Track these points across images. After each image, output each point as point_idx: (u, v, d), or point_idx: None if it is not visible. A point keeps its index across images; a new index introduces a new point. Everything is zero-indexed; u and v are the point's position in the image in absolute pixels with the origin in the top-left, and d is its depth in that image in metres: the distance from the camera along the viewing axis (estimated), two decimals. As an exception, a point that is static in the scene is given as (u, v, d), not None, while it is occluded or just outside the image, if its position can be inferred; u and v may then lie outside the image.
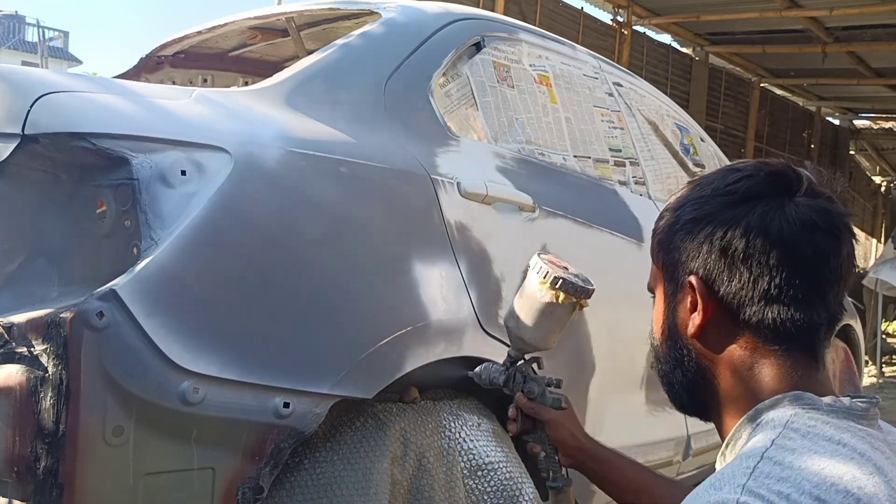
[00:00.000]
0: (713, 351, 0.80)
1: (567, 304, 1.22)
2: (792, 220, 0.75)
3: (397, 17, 1.80)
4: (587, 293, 1.23)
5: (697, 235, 0.79)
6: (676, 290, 0.82)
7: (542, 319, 1.23)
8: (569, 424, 1.26)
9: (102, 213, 1.24)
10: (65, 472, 1.11)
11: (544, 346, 1.28)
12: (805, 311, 0.75)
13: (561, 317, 1.23)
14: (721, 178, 0.81)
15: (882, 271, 7.16)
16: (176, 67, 2.51)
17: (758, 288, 0.75)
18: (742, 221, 0.76)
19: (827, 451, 0.67)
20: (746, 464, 0.66)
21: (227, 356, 1.23)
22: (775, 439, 0.68)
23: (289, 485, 1.37)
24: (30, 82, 1.26)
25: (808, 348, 0.77)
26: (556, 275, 1.21)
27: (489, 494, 1.52)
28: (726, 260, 0.77)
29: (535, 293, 1.23)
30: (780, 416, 0.72)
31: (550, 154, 1.99)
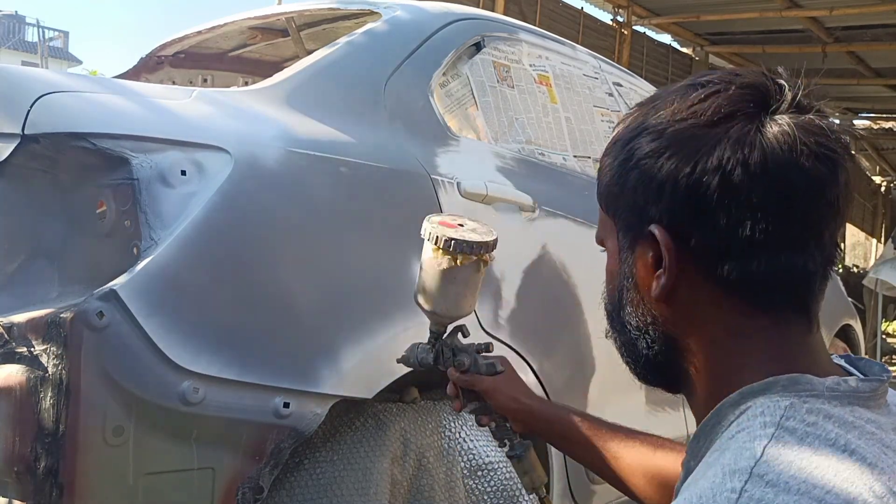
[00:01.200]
0: (684, 317, 0.64)
1: (469, 265, 1.12)
2: (777, 144, 0.59)
3: (397, 16, 1.80)
4: (486, 247, 1.12)
5: (658, 173, 0.62)
6: (634, 242, 0.66)
7: (449, 286, 1.13)
8: (507, 388, 1.14)
9: (102, 213, 1.24)
10: (65, 472, 1.11)
11: (460, 313, 1.18)
12: (798, 257, 0.60)
13: (467, 279, 1.14)
14: (682, 97, 0.64)
15: (882, 271, 7.17)
16: (176, 67, 2.51)
17: (739, 234, 0.59)
18: (714, 151, 0.60)
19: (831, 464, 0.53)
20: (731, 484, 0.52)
21: (226, 356, 1.23)
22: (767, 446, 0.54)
23: (289, 485, 1.37)
24: (30, 82, 1.26)
25: (801, 306, 0.62)
26: (448, 236, 1.11)
27: (489, 494, 1.52)
28: (696, 203, 0.60)
29: (431, 261, 1.14)
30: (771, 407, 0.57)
31: (550, 154, 1.99)
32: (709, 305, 0.63)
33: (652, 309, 0.65)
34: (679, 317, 0.64)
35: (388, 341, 1.42)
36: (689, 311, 0.64)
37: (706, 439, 0.61)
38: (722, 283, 0.61)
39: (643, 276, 0.65)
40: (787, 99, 0.62)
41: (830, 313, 3.38)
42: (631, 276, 0.67)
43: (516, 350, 1.65)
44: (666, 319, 0.65)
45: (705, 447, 0.60)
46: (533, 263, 1.75)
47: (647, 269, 0.64)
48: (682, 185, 0.61)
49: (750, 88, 0.62)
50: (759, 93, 0.62)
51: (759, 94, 0.62)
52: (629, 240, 0.67)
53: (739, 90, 0.62)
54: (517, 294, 1.68)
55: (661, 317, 0.65)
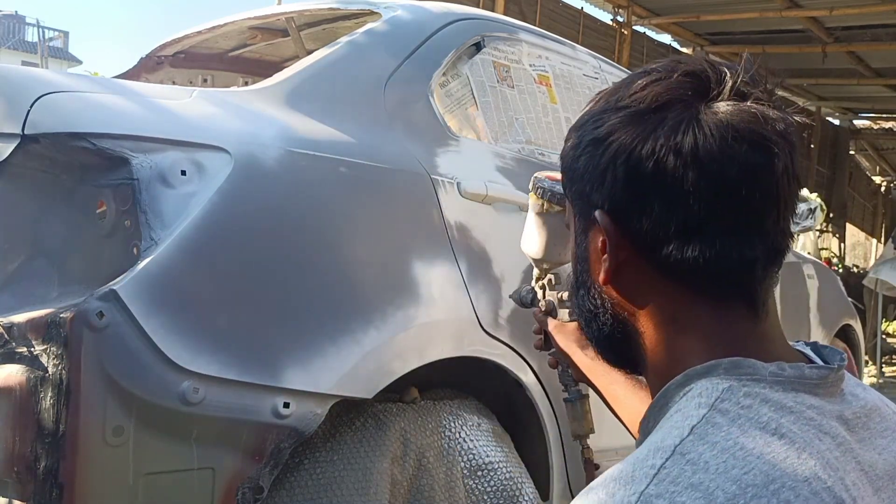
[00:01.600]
0: (631, 300, 0.65)
1: (557, 213, 1.18)
2: (709, 132, 0.59)
3: (397, 16, 1.80)
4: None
5: (601, 160, 0.64)
6: (586, 227, 0.68)
7: (540, 231, 1.21)
8: (576, 334, 1.16)
9: (102, 213, 1.24)
10: (65, 472, 1.11)
11: (553, 258, 1.23)
12: (735, 245, 0.61)
13: (556, 227, 1.19)
14: (627, 85, 0.65)
15: (882, 271, 7.16)
16: (176, 67, 2.51)
17: (673, 220, 0.60)
18: (649, 138, 0.61)
19: (757, 446, 0.53)
20: (652, 461, 0.53)
21: (227, 356, 1.23)
22: (695, 425, 0.54)
23: (289, 485, 1.37)
24: (30, 82, 1.26)
25: (744, 293, 0.62)
26: (539, 184, 1.17)
27: (489, 494, 1.52)
28: (634, 188, 0.62)
29: (530, 206, 1.22)
30: (709, 389, 0.58)
31: (550, 154, 1.99)
32: (651, 290, 0.64)
33: (602, 291, 0.67)
34: (625, 300, 0.66)
35: (388, 341, 1.42)
36: (633, 295, 0.65)
37: (653, 420, 0.62)
38: (661, 268, 0.62)
39: (594, 259, 0.67)
40: (727, 86, 0.62)
41: (831, 313, 3.38)
42: (585, 260, 0.69)
43: (516, 350, 1.65)
44: (614, 302, 0.67)
45: (652, 428, 0.61)
46: (533, 263, 1.75)
47: (596, 252, 0.66)
48: (620, 171, 0.62)
49: (690, 76, 0.63)
50: (698, 80, 0.62)
51: (699, 82, 0.62)
52: (582, 224, 0.68)
53: (680, 78, 0.63)
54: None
55: (610, 299, 0.67)
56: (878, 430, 0.62)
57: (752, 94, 0.62)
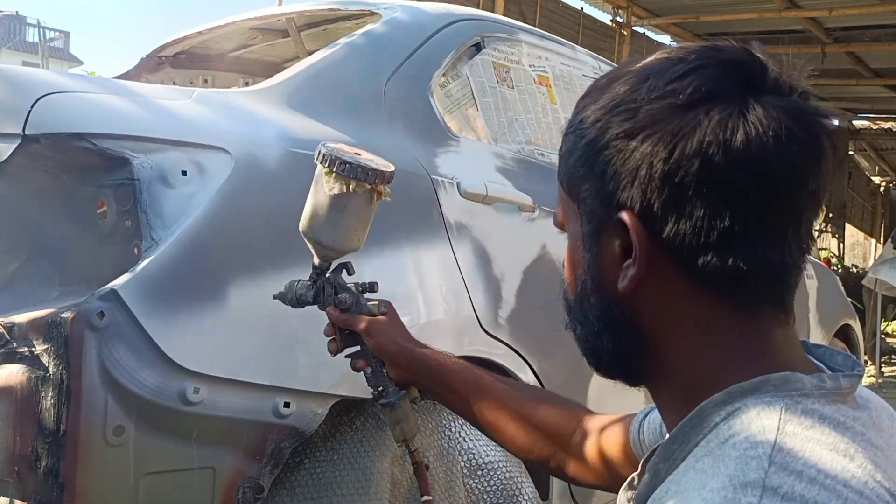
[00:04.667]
0: (653, 311, 0.59)
1: (361, 194, 1.06)
2: (761, 129, 0.54)
3: (397, 17, 1.81)
4: (382, 176, 1.05)
5: (631, 155, 0.57)
6: (599, 229, 0.61)
7: (337, 215, 1.07)
8: (389, 330, 1.08)
9: (103, 213, 1.24)
10: (65, 472, 1.11)
11: (349, 246, 1.11)
12: (776, 250, 0.56)
13: (358, 210, 1.07)
14: (660, 72, 0.58)
15: (881, 271, 7.17)
16: (176, 68, 2.51)
17: (716, 226, 0.55)
18: (694, 134, 0.55)
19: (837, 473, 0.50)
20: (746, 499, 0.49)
21: (227, 356, 1.23)
22: (772, 455, 0.50)
23: (289, 484, 1.37)
24: (31, 83, 1.26)
25: (778, 299, 0.58)
26: (343, 159, 1.04)
27: (489, 494, 1.52)
28: (672, 189, 0.55)
29: (322, 186, 1.07)
30: (767, 410, 0.53)
31: (550, 154, 1.99)
32: (680, 299, 0.58)
33: (618, 301, 0.60)
34: (647, 310, 0.60)
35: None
36: (658, 305, 0.59)
37: (683, 441, 0.57)
38: (695, 276, 0.57)
39: (609, 265, 0.60)
40: (771, 78, 0.57)
41: (830, 313, 3.38)
42: (596, 266, 0.62)
43: (516, 350, 1.65)
44: (633, 313, 0.60)
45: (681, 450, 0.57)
46: (533, 263, 1.76)
47: (613, 258, 0.60)
48: (658, 170, 0.56)
49: (732, 66, 0.57)
50: (741, 71, 0.57)
51: (742, 73, 0.57)
52: (594, 226, 0.61)
53: (720, 67, 0.57)
54: (517, 294, 1.69)
55: (628, 310, 0.60)
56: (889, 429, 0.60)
57: (797, 89, 0.58)
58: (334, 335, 1.14)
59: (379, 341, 1.08)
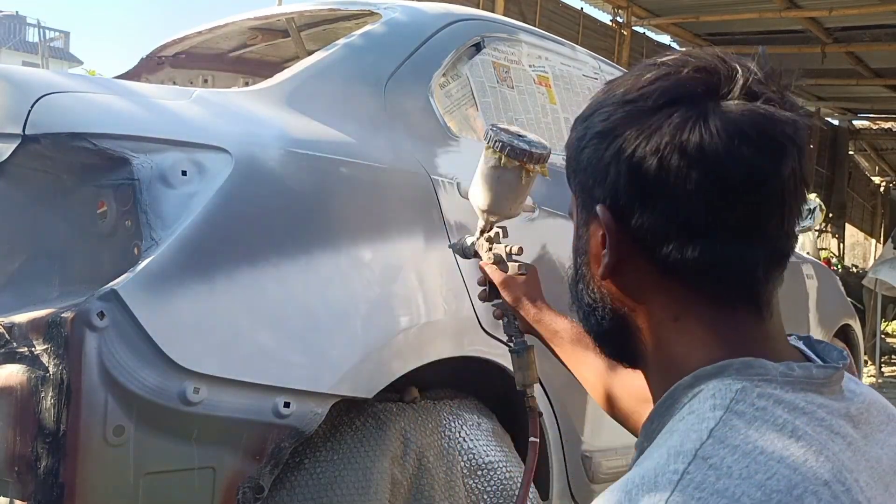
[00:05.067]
0: (631, 297, 0.65)
1: (513, 168, 1.22)
2: (716, 132, 0.58)
3: (397, 17, 1.81)
4: (530, 156, 1.21)
5: (605, 154, 0.62)
6: (587, 219, 0.67)
7: (494, 185, 1.23)
8: (520, 288, 1.21)
9: (103, 213, 1.24)
10: (65, 472, 1.11)
11: (502, 211, 1.27)
12: (735, 247, 0.60)
13: (511, 181, 1.23)
14: (635, 79, 0.63)
15: (881, 271, 7.17)
16: (176, 68, 2.51)
17: (674, 220, 0.60)
18: (654, 135, 0.59)
19: (776, 449, 0.52)
20: (674, 466, 0.52)
21: (227, 356, 1.23)
22: (713, 429, 0.54)
23: (289, 484, 1.37)
24: (30, 83, 1.26)
25: (747, 294, 0.62)
26: (498, 138, 1.21)
27: (489, 494, 1.52)
28: (637, 185, 0.61)
29: (484, 159, 1.24)
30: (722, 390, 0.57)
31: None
32: (651, 287, 0.63)
33: (601, 286, 0.66)
34: (625, 296, 0.65)
35: (389, 341, 1.42)
36: (633, 292, 0.64)
37: (659, 421, 0.61)
38: (662, 266, 0.61)
39: (595, 253, 0.66)
40: (738, 84, 0.60)
41: (830, 313, 3.38)
42: (585, 253, 0.68)
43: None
44: (613, 297, 0.66)
45: (658, 429, 0.60)
46: (533, 263, 1.75)
47: (597, 247, 0.65)
48: (624, 167, 0.61)
49: (701, 72, 0.61)
50: (709, 77, 0.61)
51: (710, 80, 0.61)
52: (584, 217, 0.67)
53: (691, 73, 0.61)
54: (517, 294, 1.68)
55: (609, 294, 0.66)
56: (876, 423, 0.62)
57: (764, 94, 0.60)
58: (485, 286, 1.28)
59: (511, 293, 1.21)
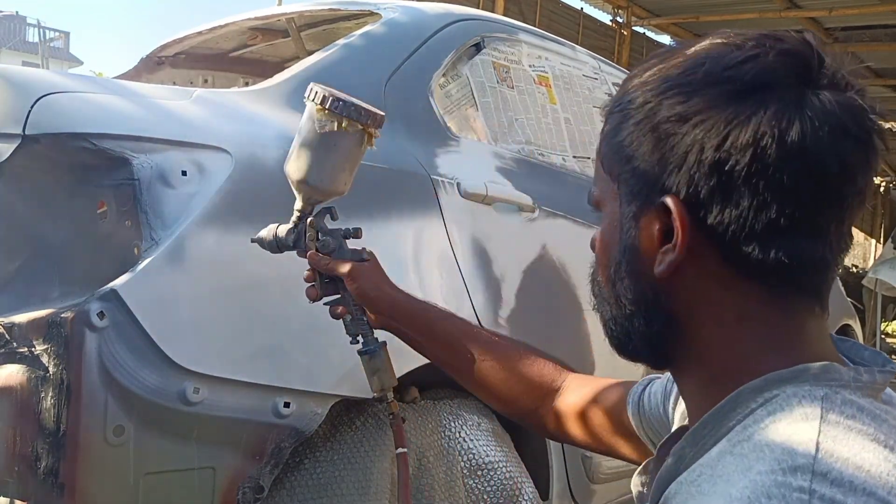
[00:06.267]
0: (689, 296, 0.59)
1: (353, 134, 1.06)
2: (818, 123, 0.54)
3: (397, 17, 1.81)
4: (374, 118, 1.07)
5: (681, 140, 0.56)
6: (640, 211, 0.60)
7: (325, 154, 1.06)
8: (372, 275, 1.08)
9: (103, 213, 1.24)
10: (65, 472, 1.11)
11: (334, 188, 1.10)
12: (818, 246, 0.56)
13: (348, 150, 1.07)
14: (717, 58, 0.58)
15: (881, 271, 7.17)
16: (176, 68, 2.52)
17: (762, 217, 0.55)
18: (749, 123, 0.54)
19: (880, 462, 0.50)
20: (797, 483, 0.48)
21: (227, 356, 1.23)
22: (819, 441, 0.50)
23: (289, 484, 1.37)
24: (30, 83, 1.26)
25: (815, 293, 0.59)
26: (336, 96, 1.04)
27: (489, 494, 1.52)
28: (721, 177, 0.55)
29: (312, 124, 1.06)
30: (807, 398, 0.54)
31: (550, 154, 1.99)
32: (718, 287, 0.58)
33: (653, 285, 0.60)
34: (683, 296, 0.60)
35: (389, 341, 1.42)
36: (694, 291, 0.59)
37: (714, 427, 0.57)
38: (736, 265, 0.57)
39: (647, 248, 0.60)
40: (830, 73, 0.57)
41: (830, 313, 3.38)
42: (633, 248, 0.61)
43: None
44: (668, 297, 0.60)
45: (712, 435, 0.57)
46: (533, 263, 1.76)
47: (652, 241, 0.59)
48: (709, 156, 0.55)
49: (790, 57, 0.57)
50: (799, 63, 0.57)
51: (800, 65, 0.56)
52: (634, 208, 0.61)
53: (779, 57, 0.56)
54: (517, 294, 1.69)
55: (663, 294, 0.60)
56: None
57: (854, 86, 0.58)
58: (314, 281, 1.12)
59: (362, 286, 1.07)
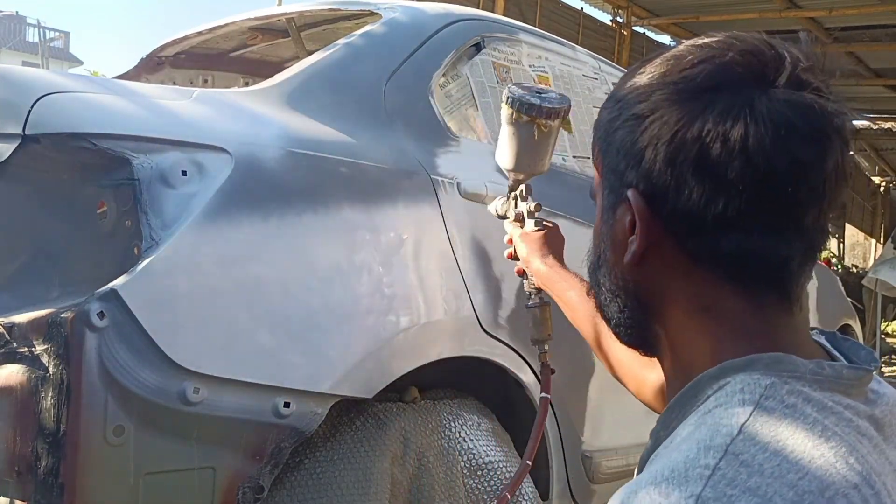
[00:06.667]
0: (657, 285, 0.62)
1: (524, 123, 1.23)
2: (762, 121, 0.56)
3: (397, 17, 1.81)
4: (539, 110, 1.22)
5: (641, 136, 0.60)
6: (615, 203, 0.64)
7: (511, 141, 1.26)
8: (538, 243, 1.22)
9: (103, 213, 1.24)
10: (66, 472, 1.11)
11: (522, 168, 1.29)
12: (771, 240, 0.58)
13: (526, 137, 1.25)
14: (677, 59, 0.61)
15: (881, 271, 7.17)
16: (177, 68, 2.52)
17: (711, 209, 0.57)
18: (696, 121, 0.57)
19: (807, 449, 0.51)
20: (705, 461, 0.51)
21: (227, 356, 1.23)
22: (744, 424, 0.52)
23: (289, 484, 1.37)
24: (31, 83, 1.26)
25: (779, 286, 0.60)
26: (510, 93, 1.24)
27: (489, 494, 1.52)
28: (673, 171, 0.58)
29: (503, 117, 1.27)
30: (752, 385, 0.56)
31: (550, 154, 1.99)
32: (680, 276, 0.61)
33: (625, 273, 0.64)
34: (650, 284, 0.63)
35: (389, 341, 1.42)
36: (660, 280, 0.62)
37: (680, 410, 0.60)
38: (693, 255, 0.60)
39: (620, 239, 0.63)
40: (786, 72, 0.58)
41: (830, 313, 3.38)
42: (609, 238, 0.65)
43: (516, 350, 1.65)
44: (637, 285, 0.64)
45: (678, 418, 0.59)
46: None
47: (624, 232, 0.63)
48: (661, 152, 0.59)
49: (747, 57, 0.59)
50: (756, 63, 0.58)
51: (756, 65, 0.58)
52: (611, 200, 0.65)
53: (736, 57, 0.59)
54: (517, 294, 1.69)
55: (633, 282, 0.64)
56: None
57: (811, 84, 0.58)
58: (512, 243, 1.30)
59: (524, 248, 1.24)
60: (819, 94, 0.58)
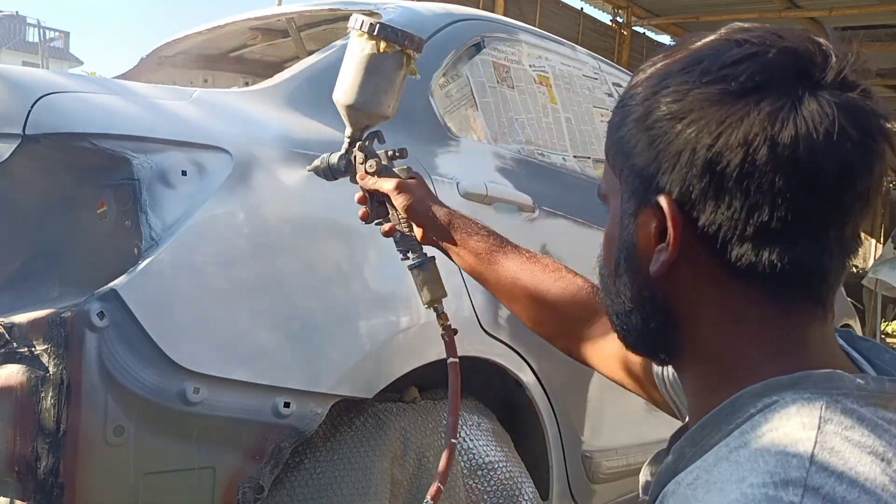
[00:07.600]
0: (684, 296, 0.58)
1: (392, 56, 1.09)
2: (812, 125, 0.52)
3: (397, 17, 1.80)
4: (411, 40, 1.10)
5: (675, 139, 0.55)
6: (638, 209, 0.59)
7: (368, 77, 1.10)
8: (416, 190, 1.08)
9: (103, 213, 1.24)
10: (66, 472, 1.12)
11: (379, 110, 1.13)
12: (814, 251, 0.55)
13: (388, 72, 1.11)
14: (715, 55, 0.56)
15: (881, 271, 7.17)
16: (177, 68, 2.52)
17: (753, 220, 0.54)
18: (741, 124, 0.53)
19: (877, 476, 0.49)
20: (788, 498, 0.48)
21: (227, 356, 1.23)
22: (813, 454, 0.49)
23: (289, 484, 1.37)
24: (31, 83, 1.26)
25: (816, 297, 0.57)
26: (373, 21, 1.09)
27: (489, 494, 1.52)
28: (713, 178, 0.54)
29: (355, 48, 1.11)
30: (805, 406, 0.52)
31: (550, 154, 1.99)
32: (712, 288, 0.57)
33: (650, 283, 0.59)
34: (679, 295, 0.59)
35: (389, 341, 1.42)
36: (689, 291, 0.58)
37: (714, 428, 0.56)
38: (729, 266, 0.56)
39: (644, 247, 0.59)
40: (832, 72, 0.54)
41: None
42: (631, 246, 0.60)
43: (516, 350, 1.65)
44: (664, 296, 0.59)
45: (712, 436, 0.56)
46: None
47: (648, 240, 0.58)
48: (700, 157, 0.54)
49: (791, 55, 0.55)
50: (801, 61, 0.54)
51: (801, 63, 0.54)
52: (633, 205, 0.60)
53: (779, 56, 0.55)
54: (517, 294, 1.68)
55: (660, 293, 0.59)
56: None
57: (860, 85, 0.55)
58: (366, 203, 1.14)
59: (405, 199, 1.08)
60: (866, 95, 0.55)
